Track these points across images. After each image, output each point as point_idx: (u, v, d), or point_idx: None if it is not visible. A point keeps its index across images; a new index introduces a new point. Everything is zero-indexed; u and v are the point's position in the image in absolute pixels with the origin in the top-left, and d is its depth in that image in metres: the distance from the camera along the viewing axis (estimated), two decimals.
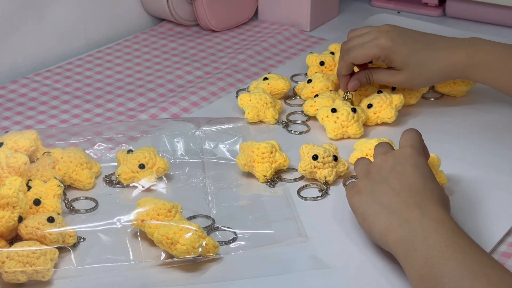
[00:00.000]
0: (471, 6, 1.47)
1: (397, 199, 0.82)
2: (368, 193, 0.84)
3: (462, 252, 0.75)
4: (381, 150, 0.89)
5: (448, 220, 0.79)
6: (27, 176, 0.91)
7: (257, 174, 0.97)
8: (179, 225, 0.83)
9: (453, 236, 0.77)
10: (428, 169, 0.85)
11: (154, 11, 1.45)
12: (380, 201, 0.83)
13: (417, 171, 0.84)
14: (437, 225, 0.78)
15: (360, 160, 0.91)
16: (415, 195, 0.81)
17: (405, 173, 0.83)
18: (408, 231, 0.79)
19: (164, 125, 1.07)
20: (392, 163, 0.85)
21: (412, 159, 0.85)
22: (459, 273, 0.73)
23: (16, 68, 1.28)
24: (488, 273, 0.73)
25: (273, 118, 1.10)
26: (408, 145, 0.87)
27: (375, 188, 0.84)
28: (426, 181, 0.83)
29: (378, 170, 0.86)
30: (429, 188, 0.83)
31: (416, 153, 0.86)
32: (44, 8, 1.29)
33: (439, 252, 0.75)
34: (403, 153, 0.86)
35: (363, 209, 0.84)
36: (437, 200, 0.82)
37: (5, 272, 0.79)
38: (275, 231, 0.88)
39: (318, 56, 1.23)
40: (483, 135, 1.07)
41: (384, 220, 0.81)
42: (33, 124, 1.12)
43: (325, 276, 0.82)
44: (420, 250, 0.76)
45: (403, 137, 0.89)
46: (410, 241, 0.78)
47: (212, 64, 1.31)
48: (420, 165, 0.85)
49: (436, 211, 0.80)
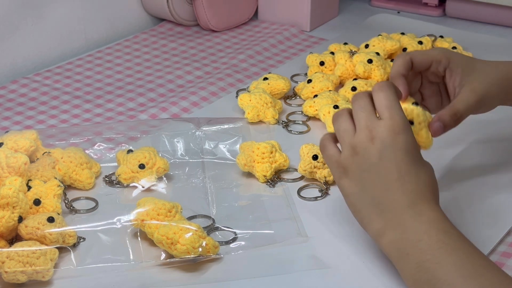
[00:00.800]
0: (471, 6, 1.47)
1: (389, 195, 0.79)
2: (357, 181, 0.81)
3: (454, 254, 0.74)
4: (363, 118, 0.81)
5: (439, 219, 0.78)
6: (27, 176, 0.91)
7: (257, 174, 0.97)
8: (179, 225, 0.83)
9: (444, 237, 0.76)
10: (414, 145, 0.81)
11: (154, 11, 1.45)
12: (370, 194, 0.80)
13: (408, 157, 0.80)
14: (428, 227, 0.77)
15: (339, 117, 0.84)
16: (407, 192, 0.79)
17: (397, 160, 0.79)
18: (400, 234, 0.78)
19: (164, 125, 1.07)
20: (380, 146, 0.80)
21: (401, 139, 0.80)
22: (451, 277, 0.72)
23: (16, 68, 1.28)
24: (481, 274, 0.72)
25: (273, 118, 1.10)
26: (390, 117, 0.80)
27: (364, 178, 0.81)
28: (417, 168, 0.80)
29: (364, 153, 0.81)
30: (420, 177, 0.80)
31: (401, 128, 0.80)
32: (44, 8, 1.29)
33: (431, 256, 0.74)
34: (388, 132, 0.80)
35: (354, 200, 0.82)
36: (428, 192, 0.80)
37: (5, 272, 0.79)
38: (275, 231, 0.88)
39: (318, 56, 1.23)
40: (483, 135, 1.07)
41: (376, 221, 0.80)
42: (33, 124, 1.12)
43: (325, 276, 0.82)
44: (412, 254, 0.76)
45: (377, 101, 0.82)
46: (403, 245, 0.77)
47: (212, 64, 1.31)
48: (410, 146, 0.80)
49: (427, 210, 0.78)
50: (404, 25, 1.41)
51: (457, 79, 0.92)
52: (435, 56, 0.92)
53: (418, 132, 0.85)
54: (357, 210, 0.82)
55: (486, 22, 1.46)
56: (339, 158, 0.83)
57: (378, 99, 0.82)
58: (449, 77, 0.92)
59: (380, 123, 0.81)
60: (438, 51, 0.93)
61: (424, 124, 0.86)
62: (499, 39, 1.38)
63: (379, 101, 0.82)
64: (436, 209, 0.79)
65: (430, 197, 0.80)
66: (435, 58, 0.92)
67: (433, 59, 0.92)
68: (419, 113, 0.86)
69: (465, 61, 0.93)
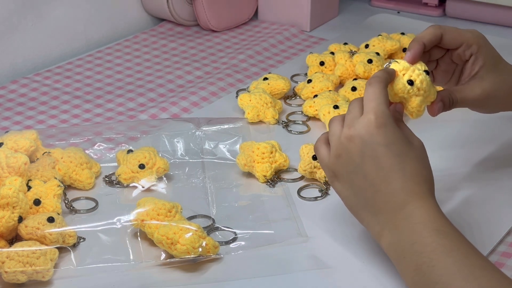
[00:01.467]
0: (471, 6, 1.47)
1: (378, 198, 0.78)
2: (348, 183, 0.80)
3: (450, 256, 0.73)
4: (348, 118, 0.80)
5: (432, 217, 0.76)
6: (27, 176, 0.91)
7: (257, 174, 0.97)
8: (179, 225, 0.83)
9: (438, 238, 0.74)
10: (399, 137, 0.78)
11: (154, 11, 1.45)
12: (363, 197, 0.79)
13: (390, 151, 0.77)
14: (421, 228, 0.75)
15: (332, 121, 0.82)
16: (395, 192, 0.77)
17: (378, 157, 0.77)
18: (397, 237, 0.77)
19: (164, 125, 1.07)
20: (360, 145, 0.78)
21: (380, 134, 0.77)
22: (447, 280, 0.71)
23: (16, 68, 1.28)
24: (477, 277, 0.71)
25: (273, 118, 1.10)
26: (370, 111, 0.78)
27: (352, 180, 0.79)
28: (401, 160, 0.77)
29: (347, 154, 0.79)
30: (406, 171, 0.77)
31: (381, 122, 0.77)
32: (44, 8, 1.29)
33: (426, 259, 0.73)
34: (367, 129, 0.77)
35: (349, 203, 0.81)
36: (417, 184, 0.77)
37: (5, 272, 0.79)
38: (275, 231, 0.88)
39: (318, 56, 1.23)
40: (483, 135, 1.07)
41: (374, 223, 0.79)
42: (33, 124, 1.12)
43: (325, 276, 0.82)
44: (409, 257, 0.75)
45: (365, 96, 0.80)
46: (400, 247, 0.76)
47: (212, 64, 1.31)
48: (390, 139, 0.77)
49: (419, 209, 0.76)
50: (404, 25, 1.41)
51: (476, 69, 0.89)
52: (468, 39, 0.89)
53: (412, 97, 0.83)
54: (355, 212, 0.82)
55: (486, 22, 1.46)
56: (328, 162, 0.82)
57: (365, 94, 0.80)
58: (470, 63, 0.90)
59: (359, 120, 0.79)
60: (472, 34, 0.90)
61: (423, 94, 0.83)
62: (499, 39, 1.37)
63: (366, 95, 0.80)
64: (428, 203, 0.77)
65: (419, 190, 0.77)
66: (467, 41, 0.89)
67: (466, 41, 0.89)
68: (423, 80, 0.83)
69: (491, 55, 0.90)
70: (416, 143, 0.80)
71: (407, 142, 0.79)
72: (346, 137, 0.79)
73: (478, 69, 0.89)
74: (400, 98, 0.84)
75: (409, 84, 0.83)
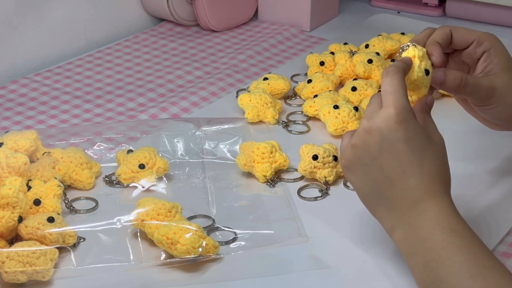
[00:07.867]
0: (471, 6, 1.47)
1: (393, 193, 0.77)
2: (361, 175, 0.79)
3: (459, 254, 0.73)
4: (368, 110, 0.79)
5: (445, 215, 0.76)
6: (27, 176, 0.91)
7: (257, 174, 0.97)
8: (179, 225, 0.83)
9: (449, 236, 0.74)
10: (419, 133, 0.77)
11: (154, 11, 1.45)
12: (376, 190, 0.78)
13: (409, 147, 0.76)
14: (433, 225, 0.75)
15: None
16: (411, 189, 0.77)
17: (396, 152, 0.76)
18: (409, 233, 0.77)
19: (164, 125, 1.07)
20: (379, 138, 0.76)
21: (400, 129, 0.76)
22: (455, 279, 0.71)
23: (16, 68, 1.28)
24: (485, 277, 0.71)
25: (273, 118, 1.10)
26: (390, 105, 0.76)
27: (368, 172, 0.78)
28: (420, 157, 0.76)
29: (364, 146, 0.78)
30: (424, 168, 0.76)
31: (402, 117, 0.76)
32: (44, 8, 1.29)
33: (436, 256, 0.73)
34: (387, 123, 0.76)
35: (362, 195, 0.80)
36: (434, 183, 0.77)
37: (5, 272, 0.79)
38: (275, 231, 0.88)
39: (318, 56, 1.23)
40: (483, 135, 1.07)
41: (387, 217, 0.78)
42: (33, 124, 1.12)
43: (325, 276, 0.82)
44: (419, 253, 0.75)
45: (382, 87, 0.78)
46: (411, 243, 0.76)
47: (212, 64, 1.31)
48: (410, 135, 0.76)
49: (433, 207, 0.76)
50: (404, 25, 1.41)
51: (489, 66, 0.87)
52: (479, 36, 0.87)
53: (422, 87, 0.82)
54: (367, 204, 0.81)
55: (486, 22, 1.46)
56: (344, 150, 0.81)
57: (382, 85, 0.78)
58: (482, 61, 0.87)
59: (379, 112, 0.77)
60: (483, 32, 0.88)
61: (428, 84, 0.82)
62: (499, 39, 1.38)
63: (383, 87, 0.78)
64: (443, 202, 0.76)
65: (435, 188, 0.77)
66: (479, 38, 0.87)
67: (477, 38, 0.87)
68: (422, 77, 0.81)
69: (504, 55, 0.88)
70: (436, 139, 0.79)
71: (427, 138, 0.78)
72: (365, 128, 0.78)
73: (492, 67, 0.87)
74: (413, 86, 0.82)
75: (426, 74, 0.82)
